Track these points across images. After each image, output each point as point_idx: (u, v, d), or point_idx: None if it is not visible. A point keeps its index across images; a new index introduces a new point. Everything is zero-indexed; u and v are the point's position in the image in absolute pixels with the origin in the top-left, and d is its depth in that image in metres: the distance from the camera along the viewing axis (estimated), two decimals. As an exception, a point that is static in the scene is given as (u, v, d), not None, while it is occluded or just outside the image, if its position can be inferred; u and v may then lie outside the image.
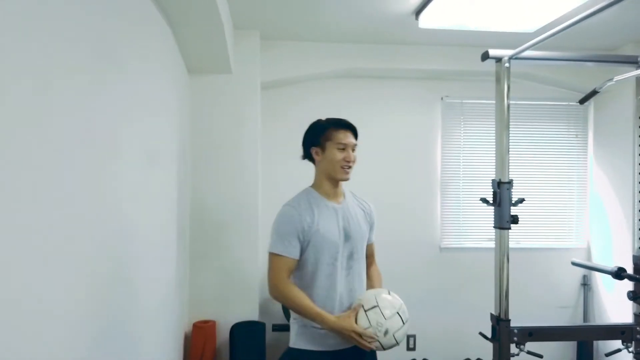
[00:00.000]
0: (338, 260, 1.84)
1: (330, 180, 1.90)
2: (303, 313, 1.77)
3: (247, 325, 3.12)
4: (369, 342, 1.72)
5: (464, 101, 3.70)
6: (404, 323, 1.77)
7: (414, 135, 3.71)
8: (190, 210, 3.18)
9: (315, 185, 1.95)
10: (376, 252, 2.11)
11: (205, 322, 3.09)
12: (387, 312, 1.74)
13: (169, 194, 2.45)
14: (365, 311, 1.74)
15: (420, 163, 3.70)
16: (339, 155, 1.85)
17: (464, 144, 3.73)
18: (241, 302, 3.22)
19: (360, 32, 3.20)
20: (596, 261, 3.65)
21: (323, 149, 1.89)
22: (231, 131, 3.25)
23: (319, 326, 1.79)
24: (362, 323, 1.74)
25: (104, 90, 1.28)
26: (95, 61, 1.22)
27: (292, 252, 1.81)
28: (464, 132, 3.73)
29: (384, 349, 1.77)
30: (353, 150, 1.89)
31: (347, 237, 1.87)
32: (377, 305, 1.75)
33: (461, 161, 3.72)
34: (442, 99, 3.69)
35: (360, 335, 1.71)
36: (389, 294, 1.83)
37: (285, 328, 3.20)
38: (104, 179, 1.31)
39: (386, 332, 1.73)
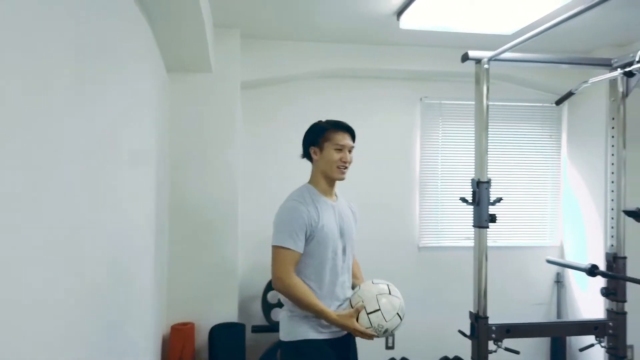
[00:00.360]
0: (337, 255, 1.95)
1: (326, 179, 2.00)
2: (307, 308, 1.83)
3: (227, 326, 3.08)
4: (368, 337, 1.86)
5: (442, 102, 3.75)
6: (401, 319, 1.90)
7: (393, 135, 3.73)
8: (169, 211, 3.13)
9: (313, 183, 2.03)
10: (355, 251, 2.19)
11: (184, 324, 3.05)
12: (388, 316, 1.85)
13: (147, 194, 2.41)
14: (367, 314, 1.84)
15: (399, 163, 3.73)
16: (336, 156, 1.94)
17: (442, 144, 3.77)
18: (221, 303, 3.19)
19: (342, 32, 3.21)
20: (570, 259, 3.75)
21: (321, 149, 1.98)
22: (211, 130, 3.22)
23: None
24: (364, 323, 1.85)
25: (78, 88, 1.24)
26: (70, 60, 1.18)
27: (299, 246, 1.87)
28: (442, 133, 3.78)
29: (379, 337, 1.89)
30: (350, 151, 1.98)
31: (341, 233, 1.97)
32: (379, 310, 1.84)
33: (439, 161, 3.77)
34: (421, 99, 3.73)
35: (361, 332, 1.84)
36: (390, 292, 1.91)
37: (265, 329, 3.20)
38: (80, 179, 1.27)
39: (385, 331, 1.87)
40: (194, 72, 3.14)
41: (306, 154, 2.05)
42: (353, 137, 2.01)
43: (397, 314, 1.88)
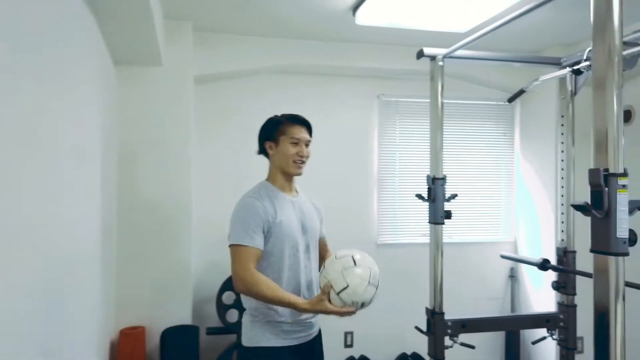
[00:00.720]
0: (299, 252, 1.86)
1: (283, 175, 1.92)
2: (275, 301, 1.74)
3: (180, 329, 2.97)
4: (350, 314, 1.75)
5: (399, 99, 3.76)
6: (377, 287, 1.78)
7: (351, 133, 3.71)
8: (117, 210, 2.99)
9: (270, 179, 1.96)
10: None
11: (134, 328, 2.92)
12: (360, 289, 1.72)
13: (92, 191, 2.28)
14: (337, 294, 1.71)
15: (357, 160, 3.71)
16: (292, 150, 1.88)
17: (399, 142, 3.78)
18: (173, 305, 3.07)
19: (298, 27, 3.15)
20: (523, 253, 3.84)
21: (277, 143, 1.91)
22: (163, 126, 3.10)
23: (283, 320, 1.79)
24: (337, 303, 1.72)
25: (11, 81, 1.14)
26: (4, 51, 1.08)
27: (258, 242, 1.78)
28: (399, 130, 3.79)
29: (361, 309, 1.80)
30: (307, 145, 1.92)
31: (304, 230, 1.90)
32: (348, 286, 1.71)
33: (397, 158, 3.78)
34: (378, 97, 3.72)
35: (338, 312, 1.72)
36: (355, 264, 1.76)
37: (220, 331, 3.11)
38: (12, 175, 1.16)
39: (363, 304, 1.75)
40: (143, 66, 3.01)
41: (262, 150, 1.97)
42: (310, 131, 1.96)
43: (370, 283, 1.74)
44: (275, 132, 1.91)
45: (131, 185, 3.03)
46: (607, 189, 1.30)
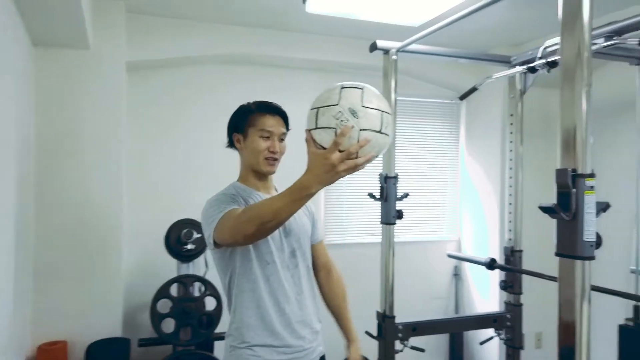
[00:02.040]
0: (277, 258, 1.56)
1: (254, 173, 1.65)
2: (274, 206, 1.30)
3: (108, 343, 2.69)
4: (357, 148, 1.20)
5: (348, 95, 3.65)
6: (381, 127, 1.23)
7: (300, 130, 3.53)
8: (35, 212, 2.65)
9: (242, 179, 1.67)
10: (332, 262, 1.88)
11: (54, 343, 2.60)
12: (345, 102, 1.22)
13: (4, 193, 1.98)
14: (315, 129, 1.26)
15: (304, 157, 3.55)
16: (262, 145, 1.60)
17: (348, 139, 3.68)
18: (100, 317, 2.78)
19: (244, 13, 2.94)
20: (468, 252, 3.87)
21: (245, 136, 1.62)
22: (90, 117, 2.79)
23: (273, 344, 1.50)
24: (321, 139, 1.24)
25: None
26: None
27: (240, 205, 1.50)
28: (348, 127, 3.68)
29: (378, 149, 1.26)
30: (281, 139, 1.65)
31: (287, 232, 1.61)
32: (323, 106, 1.24)
33: (345, 156, 3.67)
34: (326, 91, 3.60)
35: (336, 148, 1.20)
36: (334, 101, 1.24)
37: (154, 342, 2.85)
38: None
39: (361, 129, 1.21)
40: (67, 48, 2.69)
41: (231, 143, 1.68)
42: (286, 122, 1.68)
43: (359, 109, 1.21)
44: (244, 123, 1.62)
45: (52, 184, 2.70)
46: (574, 190, 1.24)
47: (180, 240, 2.87)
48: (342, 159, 1.21)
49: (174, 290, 2.80)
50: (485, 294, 3.68)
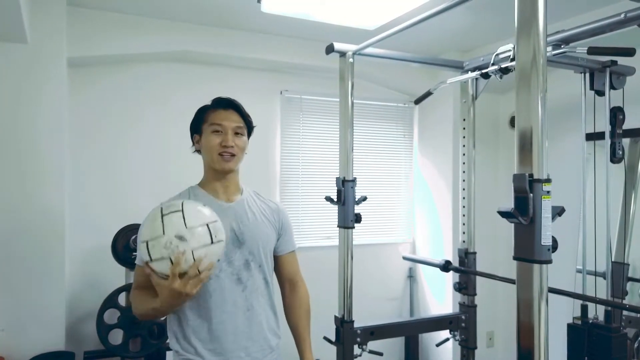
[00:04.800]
0: (223, 271, 1.49)
1: (215, 174, 1.58)
2: (149, 313, 1.42)
3: (50, 357, 2.51)
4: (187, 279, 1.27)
5: (303, 96, 3.61)
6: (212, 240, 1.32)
7: (257, 130, 3.48)
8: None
9: (202, 182, 1.63)
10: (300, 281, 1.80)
11: (-11, 360, 2.41)
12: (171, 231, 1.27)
13: None
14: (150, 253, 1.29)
15: (259, 159, 3.47)
16: (215, 140, 1.54)
17: (302, 141, 3.64)
18: (41, 329, 2.59)
19: (196, 9, 2.83)
20: (421, 254, 3.93)
21: (201, 135, 1.59)
22: (27, 116, 2.60)
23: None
24: (160, 269, 1.28)
25: None
26: None
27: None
28: (302, 129, 3.64)
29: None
30: (237, 133, 1.57)
31: (239, 241, 1.53)
32: (152, 239, 1.28)
33: (300, 158, 3.63)
34: (281, 92, 3.54)
35: (175, 277, 1.25)
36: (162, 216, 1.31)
37: (101, 354, 2.70)
38: None
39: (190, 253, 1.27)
40: (2, 42, 2.50)
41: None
42: (242, 115, 1.61)
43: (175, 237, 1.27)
44: (200, 122, 1.59)
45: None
46: (532, 195, 1.26)
47: (129, 246, 2.73)
48: (185, 283, 1.27)
49: (122, 299, 2.66)
50: (438, 295, 3.74)
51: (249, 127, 1.65)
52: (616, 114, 2.23)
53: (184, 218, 1.29)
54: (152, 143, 3.14)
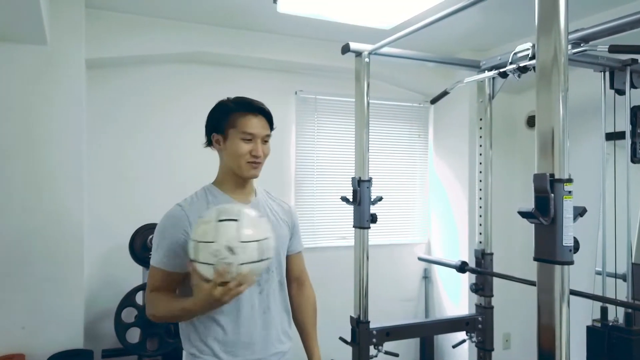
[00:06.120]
0: None
1: (234, 177, 1.53)
2: (175, 315, 1.45)
3: (68, 355, 2.55)
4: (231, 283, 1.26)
5: (318, 97, 3.62)
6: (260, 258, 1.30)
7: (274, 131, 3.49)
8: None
9: (217, 182, 1.57)
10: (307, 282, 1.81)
11: (10, 357, 2.45)
12: (223, 240, 1.24)
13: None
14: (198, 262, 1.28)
15: (274, 160, 3.44)
16: (244, 148, 1.48)
17: (318, 141, 3.64)
18: (60, 327, 2.63)
19: (212, 11, 2.85)
20: (437, 255, 3.90)
21: (225, 137, 1.51)
22: (46, 117, 2.64)
23: None
24: (203, 272, 1.27)
25: None
26: None
27: (169, 263, 1.44)
28: (317, 129, 3.65)
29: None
30: (265, 141, 1.53)
31: None
32: (202, 242, 1.26)
33: (315, 158, 3.64)
34: (296, 93, 3.55)
35: (216, 286, 1.25)
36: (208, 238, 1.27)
37: (118, 353, 2.73)
38: None
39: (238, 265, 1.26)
40: (22, 44, 2.55)
41: (210, 143, 1.57)
42: (270, 122, 1.56)
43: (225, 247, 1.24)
44: (224, 123, 1.50)
45: (5, 190, 2.55)
46: (553, 195, 1.24)
47: (146, 246, 2.76)
48: (224, 292, 1.26)
49: (139, 298, 2.69)
50: (454, 296, 3.72)
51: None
52: (637, 113, 2.19)
53: (238, 230, 1.26)
54: (167, 143, 3.17)
